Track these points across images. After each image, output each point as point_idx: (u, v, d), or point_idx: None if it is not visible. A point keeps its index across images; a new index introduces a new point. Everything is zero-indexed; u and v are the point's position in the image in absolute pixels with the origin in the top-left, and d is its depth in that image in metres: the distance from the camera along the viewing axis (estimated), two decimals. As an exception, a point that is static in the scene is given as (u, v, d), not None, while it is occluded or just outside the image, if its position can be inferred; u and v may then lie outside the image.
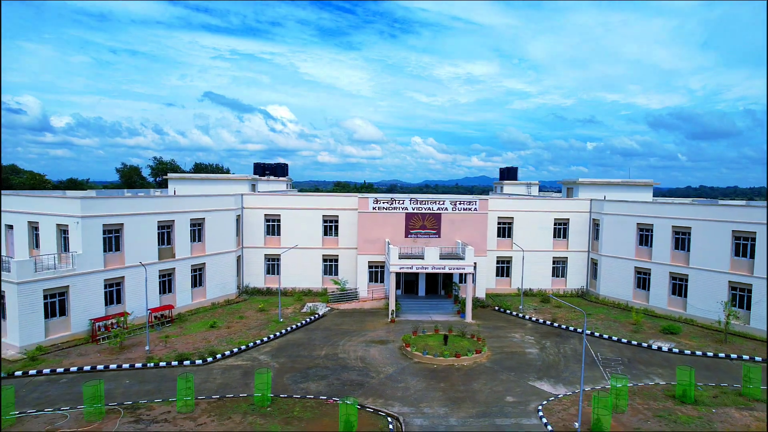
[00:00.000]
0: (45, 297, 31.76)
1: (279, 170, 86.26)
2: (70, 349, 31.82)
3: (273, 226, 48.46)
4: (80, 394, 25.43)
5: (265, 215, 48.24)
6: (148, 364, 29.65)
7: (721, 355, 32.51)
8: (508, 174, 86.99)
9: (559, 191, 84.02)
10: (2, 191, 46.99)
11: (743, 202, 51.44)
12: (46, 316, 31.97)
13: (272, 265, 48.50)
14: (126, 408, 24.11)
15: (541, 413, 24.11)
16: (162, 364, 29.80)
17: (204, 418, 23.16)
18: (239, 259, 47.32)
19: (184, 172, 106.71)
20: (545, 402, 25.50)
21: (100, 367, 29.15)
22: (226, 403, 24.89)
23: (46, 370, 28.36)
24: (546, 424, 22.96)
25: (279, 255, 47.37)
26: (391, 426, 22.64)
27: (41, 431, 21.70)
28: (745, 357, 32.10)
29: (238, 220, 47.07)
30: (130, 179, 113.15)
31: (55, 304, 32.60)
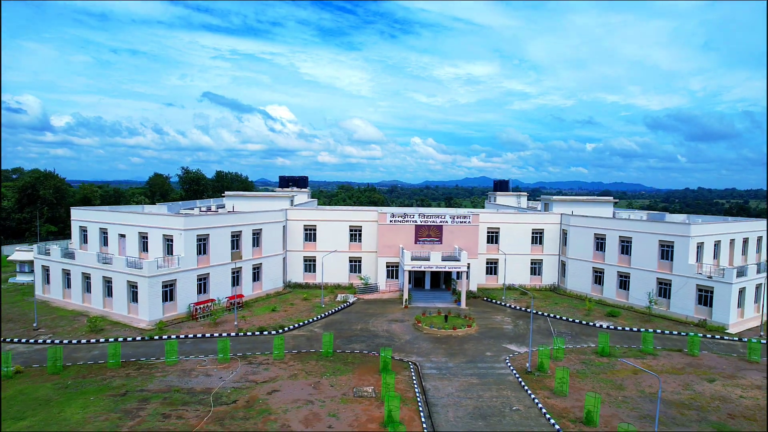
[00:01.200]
0: (162, 287, 45.34)
1: (301, 182, 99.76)
2: (180, 324, 45.39)
3: (310, 234, 61.95)
4: (204, 350, 39.09)
5: (304, 225, 61.74)
6: (239, 334, 43.18)
7: (642, 330, 46.01)
8: (501, 186, 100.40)
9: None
10: (108, 206, 60.58)
11: (682, 218, 65.25)
12: (163, 300, 45.55)
13: (309, 264, 62.00)
14: (239, 357, 37.69)
15: (507, 361, 37.68)
16: (248, 333, 43.36)
17: (292, 362, 36.72)
18: (284, 260, 60.84)
19: (237, 189, 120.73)
20: (511, 355, 39.07)
21: (207, 335, 42.72)
22: (302, 355, 38.46)
23: (173, 336, 41.92)
24: (509, 366, 36.55)
25: (315, 257, 60.94)
26: (411, 367, 36.21)
27: (196, 367, 35.30)
28: (659, 331, 45.65)
29: (284, 229, 60.57)
30: (162, 188, 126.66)
31: (167, 292, 46.17)
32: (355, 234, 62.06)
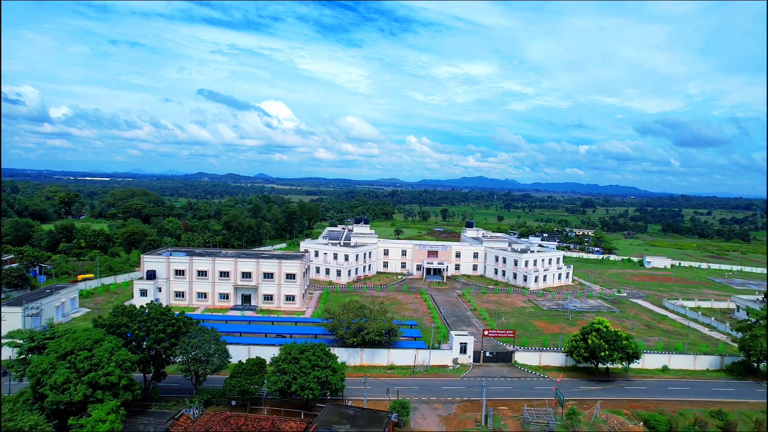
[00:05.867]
0: (347, 271, 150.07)
1: (365, 221, 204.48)
2: (354, 283, 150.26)
3: (386, 252, 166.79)
4: (370, 289, 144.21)
5: (383, 249, 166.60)
6: (376, 286, 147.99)
7: (503, 290, 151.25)
8: (469, 225, 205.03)
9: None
10: (319, 240, 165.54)
11: (536, 245, 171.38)
12: (348, 275, 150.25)
13: (385, 263, 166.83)
14: (381, 291, 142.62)
15: (455, 293, 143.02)
16: (378, 287, 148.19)
17: (396, 292, 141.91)
18: (375, 262, 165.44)
19: (313, 217, 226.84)
20: (456, 293, 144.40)
21: (365, 286, 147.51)
22: (398, 291, 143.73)
23: (358, 285, 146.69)
24: (456, 294, 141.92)
25: (388, 261, 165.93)
26: (429, 293, 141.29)
27: (371, 293, 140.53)
28: (506, 289, 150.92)
29: (376, 249, 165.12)
30: (269, 216, 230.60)
31: (349, 272, 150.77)
32: (404, 252, 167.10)
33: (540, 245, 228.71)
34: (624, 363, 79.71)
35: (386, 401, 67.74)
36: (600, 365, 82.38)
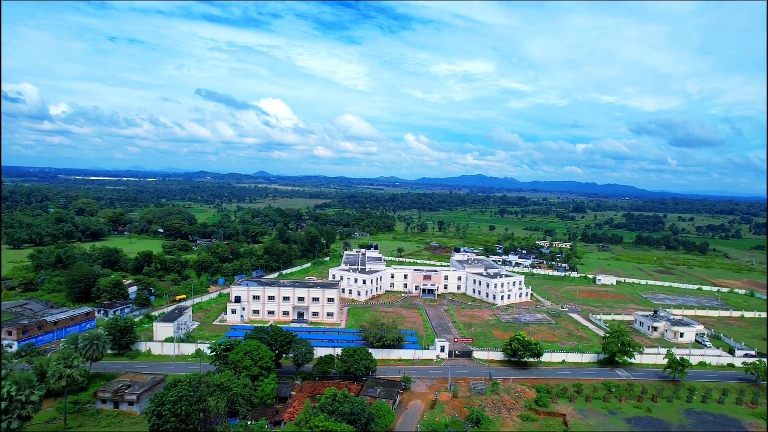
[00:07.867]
0: (365, 291, 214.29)
1: (374, 247, 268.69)
2: (370, 300, 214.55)
3: (392, 275, 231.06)
4: (382, 305, 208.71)
5: (390, 273, 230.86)
6: (386, 303, 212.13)
7: (477, 306, 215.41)
8: (456, 250, 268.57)
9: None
10: (351, 266, 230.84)
11: (512, 260, 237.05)
12: (366, 294, 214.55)
13: (392, 284, 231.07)
14: (390, 307, 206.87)
15: (443, 308, 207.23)
16: (388, 303, 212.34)
17: (401, 307, 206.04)
18: (384, 283, 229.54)
19: (331, 238, 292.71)
20: (444, 309, 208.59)
21: (378, 303, 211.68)
22: (402, 306, 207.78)
23: (372, 302, 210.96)
24: (443, 309, 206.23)
25: (393, 282, 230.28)
26: (423, 308, 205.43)
27: (383, 307, 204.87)
28: (483, 306, 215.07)
29: (386, 274, 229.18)
30: (313, 241, 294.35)
31: (366, 292, 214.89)
32: (406, 275, 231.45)
33: (516, 263, 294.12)
34: (533, 358, 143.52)
35: (398, 377, 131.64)
36: (521, 359, 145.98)
